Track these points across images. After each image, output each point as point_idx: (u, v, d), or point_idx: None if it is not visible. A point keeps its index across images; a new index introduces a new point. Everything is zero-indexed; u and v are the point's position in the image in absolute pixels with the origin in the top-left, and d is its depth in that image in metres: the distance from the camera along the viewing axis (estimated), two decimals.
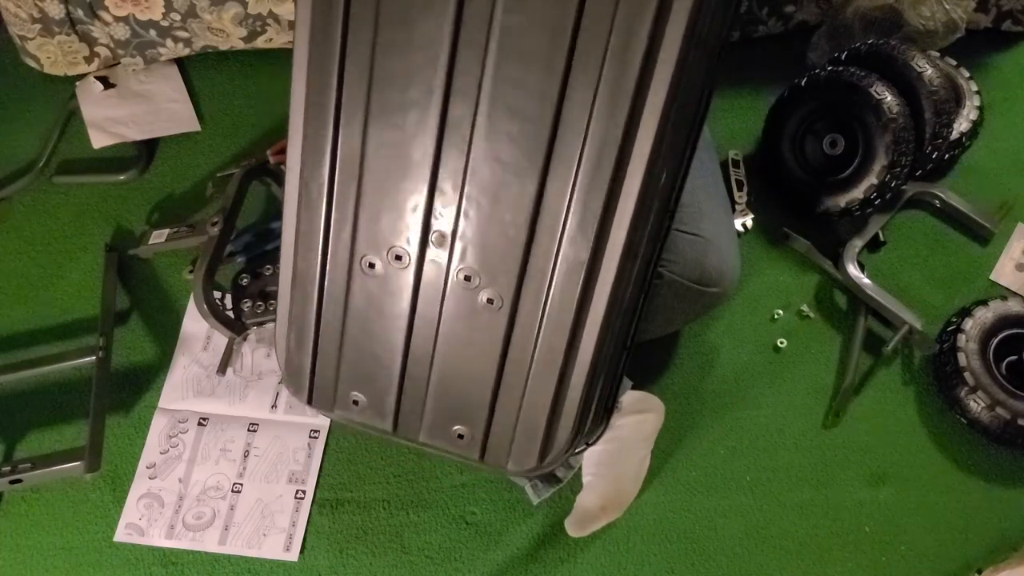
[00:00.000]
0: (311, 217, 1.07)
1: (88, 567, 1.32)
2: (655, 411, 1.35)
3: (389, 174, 1.02)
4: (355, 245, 1.06)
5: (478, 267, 1.02)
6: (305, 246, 1.09)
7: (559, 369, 1.04)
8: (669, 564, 1.32)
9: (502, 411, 1.10)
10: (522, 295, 1.02)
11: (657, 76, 0.90)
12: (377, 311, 1.09)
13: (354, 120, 1.01)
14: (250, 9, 1.58)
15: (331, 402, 1.18)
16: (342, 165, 1.03)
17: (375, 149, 1.01)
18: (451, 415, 1.13)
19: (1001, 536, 1.34)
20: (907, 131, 1.44)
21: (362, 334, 1.12)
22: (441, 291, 1.05)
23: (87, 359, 1.40)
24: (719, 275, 1.27)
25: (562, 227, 0.97)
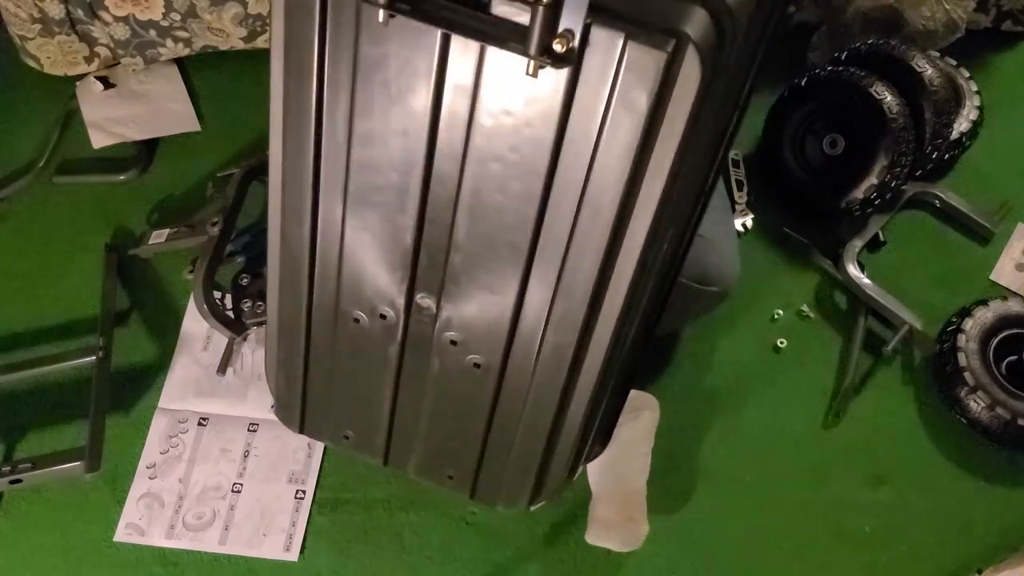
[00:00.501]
0: (295, 270, 1.03)
1: (88, 567, 1.32)
2: (650, 408, 1.35)
3: (369, 248, 0.97)
4: (339, 301, 1.03)
5: (463, 336, 1.00)
6: (289, 295, 1.06)
7: (549, 425, 1.03)
8: (669, 564, 1.32)
9: (491, 459, 1.11)
10: (509, 363, 1.00)
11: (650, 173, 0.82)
12: (364, 361, 1.08)
13: (334, 194, 0.95)
14: (250, 9, 1.58)
15: (322, 434, 1.20)
16: (323, 229, 0.98)
17: (353, 226, 0.97)
18: (440, 459, 1.14)
19: (1001, 536, 1.34)
20: (907, 131, 1.44)
21: (350, 379, 1.11)
22: (428, 350, 1.03)
23: (87, 359, 1.40)
24: (719, 274, 1.27)
25: (547, 317, 0.94)
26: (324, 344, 1.09)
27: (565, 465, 1.09)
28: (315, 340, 1.09)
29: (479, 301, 0.96)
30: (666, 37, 0.71)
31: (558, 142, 0.80)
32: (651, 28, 0.71)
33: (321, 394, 1.16)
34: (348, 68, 0.85)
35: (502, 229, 0.89)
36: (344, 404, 1.16)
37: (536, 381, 1.00)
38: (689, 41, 0.71)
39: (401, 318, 1.01)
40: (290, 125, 0.94)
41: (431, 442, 1.14)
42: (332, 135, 0.91)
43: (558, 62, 0.72)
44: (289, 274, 1.04)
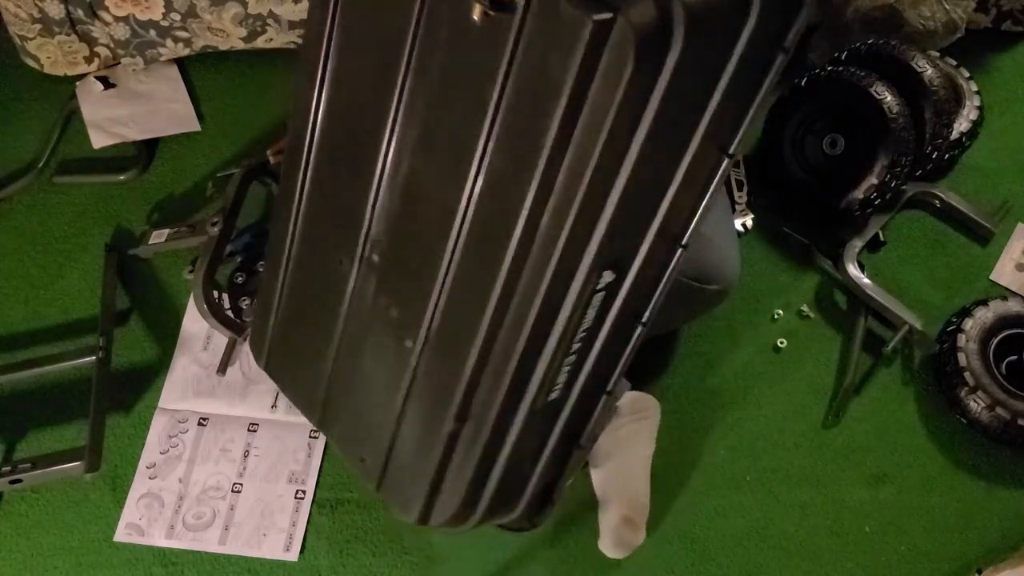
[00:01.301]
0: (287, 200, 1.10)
1: (88, 567, 1.32)
2: (651, 410, 1.35)
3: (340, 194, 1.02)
4: (314, 239, 1.08)
5: (398, 310, 1.00)
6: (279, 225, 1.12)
7: (441, 445, 1.01)
8: (669, 564, 1.32)
9: (398, 455, 1.09)
10: (424, 356, 0.99)
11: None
12: (321, 306, 1.09)
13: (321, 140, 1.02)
14: (250, 9, 1.58)
15: (280, 377, 1.21)
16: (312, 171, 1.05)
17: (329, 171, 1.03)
18: (358, 438, 1.14)
19: (1001, 536, 1.34)
20: (907, 131, 1.44)
21: (309, 325, 1.13)
22: (369, 312, 1.03)
23: (87, 359, 1.40)
24: (719, 273, 1.27)
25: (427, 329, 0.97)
26: (296, 279, 1.12)
27: (458, 501, 1.07)
28: (291, 273, 1.12)
29: (411, 278, 0.96)
30: (599, 7, 0.69)
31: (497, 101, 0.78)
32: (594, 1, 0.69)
33: (285, 332, 1.17)
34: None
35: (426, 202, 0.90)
36: (299, 350, 1.16)
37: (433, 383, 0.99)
38: (624, 20, 0.69)
39: (353, 268, 1.01)
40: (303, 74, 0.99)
41: (354, 415, 1.12)
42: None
43: (499, 8, 0.71)
44: (282, 205, 1.08)
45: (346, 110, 0.97)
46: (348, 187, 0.98)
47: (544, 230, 0.82)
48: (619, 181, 0.80)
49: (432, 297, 0.93)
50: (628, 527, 1.27)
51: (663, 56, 0.72)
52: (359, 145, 0.95)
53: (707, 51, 0.77)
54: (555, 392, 1.00)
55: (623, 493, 1.28)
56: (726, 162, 0.88)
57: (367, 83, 0.93)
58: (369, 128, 0.93)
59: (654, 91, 0.75)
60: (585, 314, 0.92)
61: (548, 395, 0.99)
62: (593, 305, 0.91)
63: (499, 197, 0.82)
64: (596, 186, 0.79)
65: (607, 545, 1.27)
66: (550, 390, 0.99)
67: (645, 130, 0.77)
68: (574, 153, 0.76)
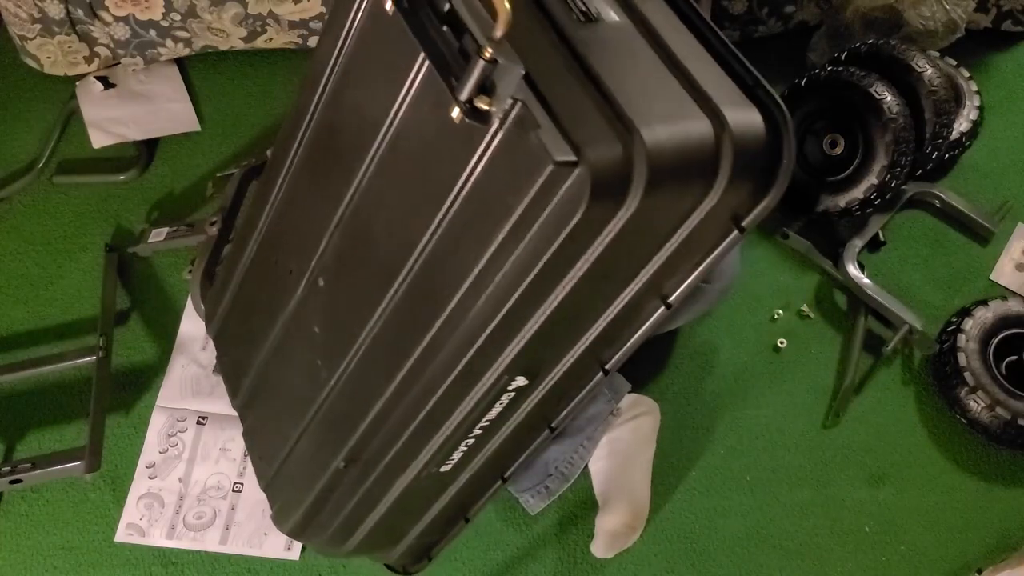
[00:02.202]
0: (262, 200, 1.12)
1: (88, 567, 1.32)
2: (650, 412, 1.35)
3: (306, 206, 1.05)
4: (275, 241, 1.11)
5: (323, 335, 1.02)
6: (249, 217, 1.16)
7: (334, 469, 1.04)
8: (669, 564, 1.32)
9: (290, 468, 1.12)
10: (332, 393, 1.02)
11: None
12: (267, 301, 1.11)
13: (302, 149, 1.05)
14: (250, 9, 1.58)
15: (219, 345, 1.26)
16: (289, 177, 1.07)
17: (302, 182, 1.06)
18: (263, 435, 1.17)
19: (1001, 536, 1.34)
20: (907, 131, 1.44)
21: (254, 310, 1.16)
22: (303, 327, 1.06)
23: (87, 359, 1.40)
24: (719, 273, 1.27)
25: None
26: (256, 267, 1.15)
27: (329, 532, 1.10)
28: (253, 259, 1.15)
29: (345, 316, 0.98)
30: (564, 149, 0.69)
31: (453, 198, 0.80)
32: (565, 137, 0.70)
33: (235, 311, 1.21)
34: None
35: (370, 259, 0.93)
36: (242, 332, 1.19)
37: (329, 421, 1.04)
38: (585, 167, 0.68)
39: (301, 282, 1.03)
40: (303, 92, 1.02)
41: (268, 413, 1.15)
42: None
43: (473, 118, 0.72)
44: (264, 186, 1.11)
45: (336, 129, 0.99)
46: (316, 206, 1.00)
47: (466, 325, 0.83)
48: (545, 307, 0.81)
49: (356, 342, 0.95)
50: (624, 532, 1.27)
51: (616, 208, 0.72)
52: (338, 169, 0.96)
53: (662, 211, 0.77)
54: (447, 466, 1.02)
55: (623, 495, 1.28)
56: (661, 310, 0.88)
57: (358, 115, 0.95)
58: (349, 160, 0.94)
59: (599, 237, 0.75)
60: (491, 408, 0.94)
61: (440, 467, 1.02)
62: (501, 402, 0.93)
63: (435, 281, 0.84)
64: (522, 305, 0.80)
65: (599, 547, 1.27)
66: (442, 463, 1.01)
67: (583, 270, 0.78)
68: (509, 270, 0.77)
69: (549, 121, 0.70)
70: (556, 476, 1.29)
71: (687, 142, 0.72)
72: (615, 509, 1.27)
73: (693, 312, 1.34)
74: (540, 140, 0.69)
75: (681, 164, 0.73)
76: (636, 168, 0.70)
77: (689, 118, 0.73)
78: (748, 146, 0.75)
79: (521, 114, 0.70)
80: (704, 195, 0.76)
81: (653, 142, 0.70)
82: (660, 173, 0.71)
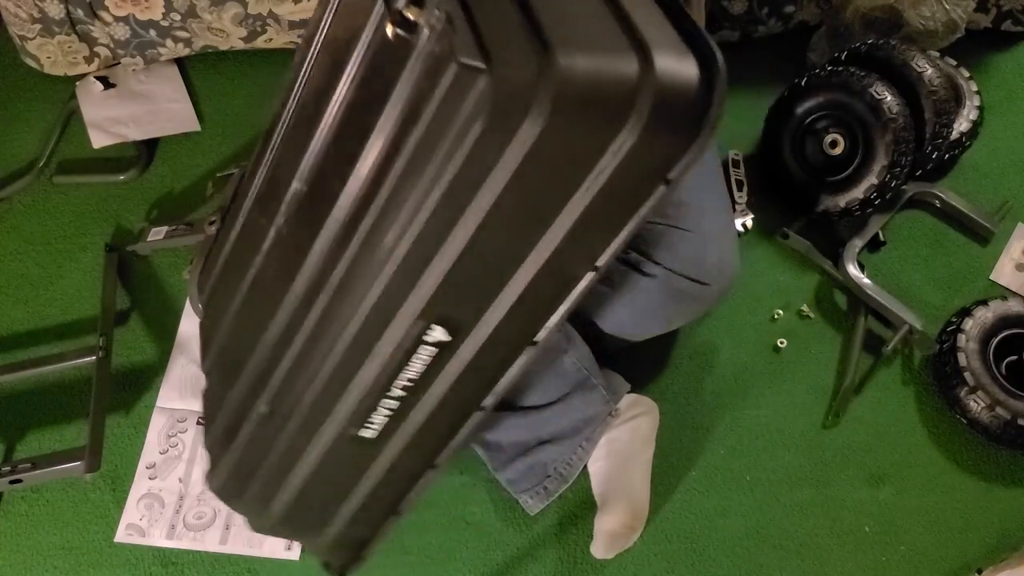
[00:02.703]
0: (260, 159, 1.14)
1: (88, 567, 1.32)
2: (649, 413, 1.35)
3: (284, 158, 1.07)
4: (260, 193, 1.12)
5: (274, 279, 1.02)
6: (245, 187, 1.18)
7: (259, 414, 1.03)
8: (669, 564, 1.32)
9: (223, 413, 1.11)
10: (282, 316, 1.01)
11: None
12: (244, 253, 1.12)
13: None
14: (250, 9, 1.58)
15: (208, 323, 1.25)
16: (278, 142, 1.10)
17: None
18: (212, 392, 1.16)
19: (1001, 536, 1.34)
20: (907, 131, 1.44)
21: (234, 267, 1.16)
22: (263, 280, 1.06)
23: (87, 359, 1.40)
24: (719, 273, 1.27)
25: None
26: (241, 233, 1.16)
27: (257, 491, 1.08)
28: (241, 226, 1.16)
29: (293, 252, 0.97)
30: (477, 56, 0.70)
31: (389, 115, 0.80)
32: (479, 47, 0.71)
33: (220, 279, 1.21)
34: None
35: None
36: (222, 298, 1.18)
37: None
38: (490, 75, 0.69)
39: (270, 230, 1.03)
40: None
41: (221, 373, 1.14)
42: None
43: (401, 27, 0.73)
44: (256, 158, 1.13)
45: (314, 90, 1.00)
46: (292, 157, 1.01)
47: (377, 257, 0.83)
48: (457, 236, 0.80)
49: (294, 280, 0.93)
50: (623, 532, 1.27)
51: (519, 125, 0.71)
52: (311, 121, 0.97)
53: (574, 140, 0.75)
54: (369, 430, 1.00)
55: (622, 495, 1.28)
56: (592, 275, 0.87)
57: (328, 70, 0.96)
58: (318, 111, 0.95)
59: (505, 156, 0.74)
60: (409, 361, 0.92)
61: (360, 429, 0.99)
62: (420, 356, 0.91)
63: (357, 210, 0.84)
64: (430, 233, 0.79)
65: (598, 548, 1.27)
66: (362, 423, 0.99)
67: (493, 196, 0.77)
68: (418, 190, 0.77)
69: (469, 32, 0.71)
70: (555, 477, 1.29)
71: (604, 74, 0.71)
72: (614, 510, 1.27)
73: (692, 312, 1.34)
74: (451, 43, 0.70)
75: (594, 95, 0.71)
76: (543, 87, 0.69)
77: (614, 53, 0.72)
78: (674, 92, 0.74)
79: (445, 24, 0.71)
80: (619, 132, 0.74)
81: (567, 65, 0.69)
82: (568, 98, 0.70)
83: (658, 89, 0.72)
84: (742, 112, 1.69)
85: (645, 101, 0.72)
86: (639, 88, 0.72)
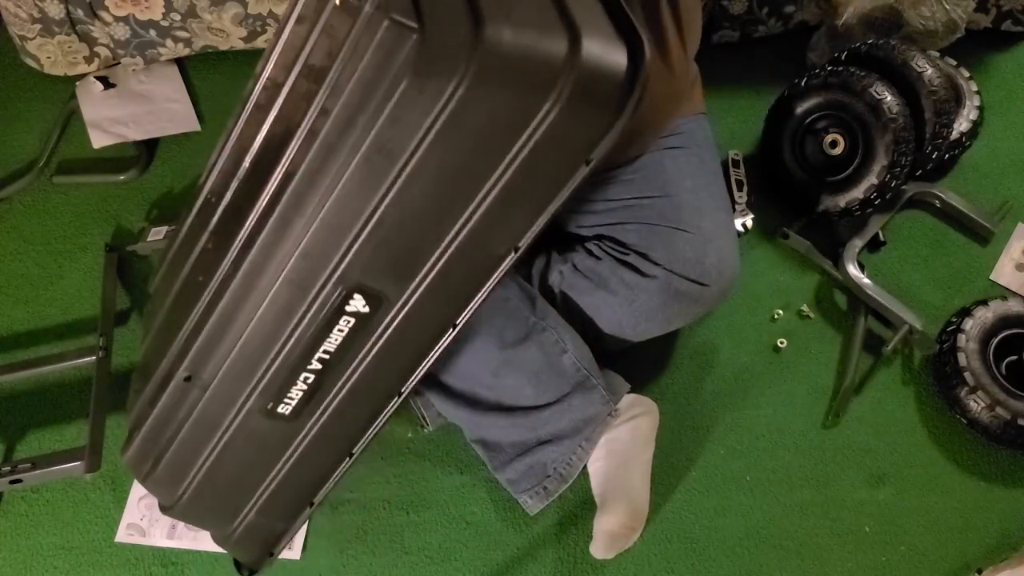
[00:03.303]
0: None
1: (88, 567, 1.32)
2: (649, 413, 1.35)
3: None
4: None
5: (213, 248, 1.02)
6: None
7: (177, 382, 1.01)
8: (669, 564, 1.32)
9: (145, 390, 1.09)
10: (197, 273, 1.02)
11: None
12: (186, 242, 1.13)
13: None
14: (250, 9, 1.58)
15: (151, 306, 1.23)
16: None
17: None
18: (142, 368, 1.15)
19: (1001, 536, 1.34)
20: (907, 131, 1.44)
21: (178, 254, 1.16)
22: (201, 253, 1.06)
23: (87, 359, 1.40)
24: (718, 273, 1.27)
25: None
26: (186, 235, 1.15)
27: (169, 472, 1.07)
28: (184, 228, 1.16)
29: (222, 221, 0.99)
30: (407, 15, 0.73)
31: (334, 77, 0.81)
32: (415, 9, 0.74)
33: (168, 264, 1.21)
34: None
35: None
36: (165, 284, 1.18)
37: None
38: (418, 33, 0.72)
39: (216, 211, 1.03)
40: None
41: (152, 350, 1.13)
42: None
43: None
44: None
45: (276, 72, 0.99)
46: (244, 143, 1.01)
47: (301, 219, 0.84)
48: (379, 198, 0.82)
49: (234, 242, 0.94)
50: (622, 532, 1.26)
51: (444, 86, 0.75)
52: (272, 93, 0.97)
53: (496, 109, 0.78)
54: (284, 406, 0.99)
55: (621, 495, 1.28)
56: (512, 256, 0.89)
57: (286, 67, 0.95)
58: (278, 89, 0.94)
59: (430, 118, 0.77)
60: (328, 332, 0.92)
61: (276, 403, 0.99)
62: (340, 327, 0.92)
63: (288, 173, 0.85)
64: (353, 192, 0.81)
65: (597, 548, 1.27)
66: (280, 397, 0.98)
67: (415, 158, 0.79)
68: (344, 149, 0.79)
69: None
70: (555, 477, 1.29)
71: (531, 50, 0.76)
72: (613, 510, 1.27)
73: (692, 313, 1.34)
74: (389, 4, 0.73)
75: (519, 68, 0.76)
76: (468, 53, 0.73)
77: (545, 32, 0.77)
78: (598, 75, 0.78)
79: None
80: (540, 105, 0.78)
81: (495, 35, 0.73)
82: (493, 68, 0.74)
83: (582, 71, 0.76)
84: (742, 112, 1.69)
85: (568, 80, 0.76)
86: (564, 68, 0.76)
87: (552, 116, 0.78)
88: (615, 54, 0.79)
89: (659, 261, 1.23)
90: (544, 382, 1.25)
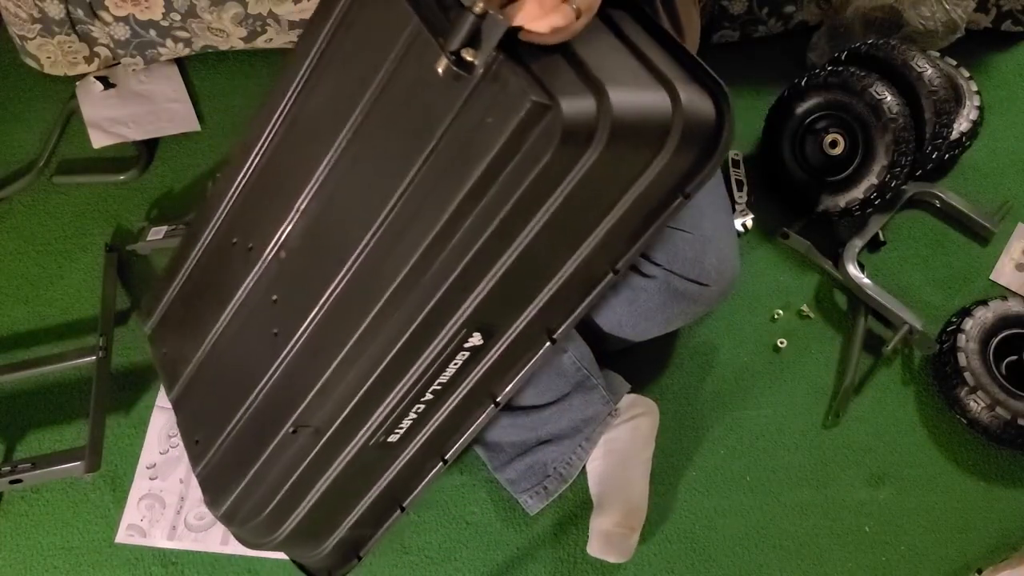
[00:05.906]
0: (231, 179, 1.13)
1: (88, 567, 1.32)
2: (649, 413, 1.35)
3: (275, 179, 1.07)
4: (232, 223, 1.13)
5: (281, 305, 1.03)
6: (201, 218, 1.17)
7: (281, 436, 1.02)
8: (669, 564, 1.32)
9: (230, 444, 1.10)
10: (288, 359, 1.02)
11: None
12: (216, 282, 1.13)
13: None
14: (250, 9, 1.58)
15: (159, 346, 1.25)
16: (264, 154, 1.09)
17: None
18: (202, 418, 1.16)
19: (1001, 536, 1.34)
20: (907, 131, 1.44)
21: (200, 298, 1.17)
22: (258, 300, 1.06)
23: (87, 359, 1.40)
24: (718, 274, 1.27)
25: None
26: (207, 257, 1.16)
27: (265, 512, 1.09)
28: (206, 249, 1.16)
29: (307, 282, 1.00)
30: (541, 92, 0.77)
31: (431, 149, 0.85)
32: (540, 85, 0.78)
33: (179, 305, 1.21)
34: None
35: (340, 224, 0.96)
36: (185, 326, 1.19)
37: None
38: (557, 108, 0.76)
39: (263, 255, 1.05)
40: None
41: (208, 398, 1.15)
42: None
43: (460, 67, 0.79)
44: (225, 179, 1.13)
45: (314, 110, 1.01)
46: (288, 182, 1.02)
47: (430, 276, 0.88)
48: (509, 254, 0.88)
49: (320, 300, 0.96)
50: (620, 532, 1.26)
51: (581, 153, 0.81)
52: (314, 145, 0.99)
53: (620, 164, 0.86)
54: (395, 435, 1.04)
55: (618, 495, 1.28)
56: (610, 276, 0.97)
57: (336, 93, 0.98)
58: (324, 133, 0.97)
59: (565, 182, 0.83)
60: (445, 368, 0.98)
61: (388, 436, 1.03)
62: (456, 363, 0.97)
63: (400, 234, 0.89)
64: (488, 249, 0.87)
65: (595, 548, 1.27)
66: (392, 430, 1.03)
67: (548, 215, 0.85)
68: (479, 214, 0.84)
69: (527, 72, 0.79)
70: (554, 477, 1.29)
71: (645, 106, 0.84)
72: (608, 509, 1.27)
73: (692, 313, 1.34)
74: (520, 83, 0.77)
75: (639, 124, 0.83)
76: (602, 119, 0.79)
77: (648, 89, 0.85)
78: (696, 120, 0.86)
79: (504, 63, 0.78)
80: (655, 155, 0.86)
81: (618, 100, 0.80)
82: (622, 128, 0.80)
83: (685, 117, 0.84)
84: (742, 112, 1.69)
85: (677, 129, 0.84)
86: (673, 118, 0.84)
87: (663, 163, 0.86)
88: (703, 101, 0.87)
89: (659, 261, 1.23)
90: (544, 382, 1.25)
